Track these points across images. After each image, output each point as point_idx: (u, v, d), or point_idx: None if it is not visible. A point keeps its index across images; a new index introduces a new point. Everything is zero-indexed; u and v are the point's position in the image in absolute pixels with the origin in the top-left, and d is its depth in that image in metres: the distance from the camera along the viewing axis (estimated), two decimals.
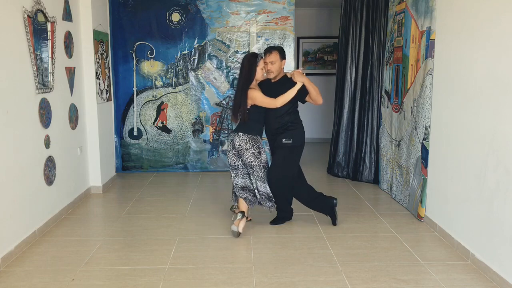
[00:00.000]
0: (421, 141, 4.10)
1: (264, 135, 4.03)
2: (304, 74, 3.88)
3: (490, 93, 3.04)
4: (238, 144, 3.84)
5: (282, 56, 3.89)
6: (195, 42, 5.90)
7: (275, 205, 3.99)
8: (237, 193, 3.94)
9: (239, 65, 5.94)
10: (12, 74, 3.40)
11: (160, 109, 6.02)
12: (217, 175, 5.95)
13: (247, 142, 3.81)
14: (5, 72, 3.29)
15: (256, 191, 3.92)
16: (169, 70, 5.95)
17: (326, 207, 4.05)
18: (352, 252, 3.45)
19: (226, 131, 6.09)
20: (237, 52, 5.96)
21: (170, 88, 5.99)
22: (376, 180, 5.43)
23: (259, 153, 3.86)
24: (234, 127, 4.09)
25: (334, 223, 4.03)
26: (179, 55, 5.92)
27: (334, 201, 4.03)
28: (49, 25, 3.97)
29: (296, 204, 4.69)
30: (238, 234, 3.73)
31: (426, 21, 3.98)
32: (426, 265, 3.22)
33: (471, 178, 3.28)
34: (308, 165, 6.51)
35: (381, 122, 5.20)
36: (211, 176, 5.89)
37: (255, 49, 5.95)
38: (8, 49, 3.33)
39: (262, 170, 3.87)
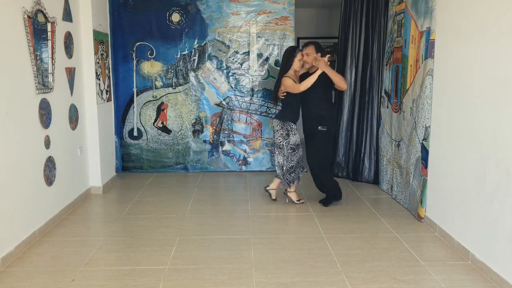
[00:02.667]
0: (421, 142, 4.10)
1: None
2: (328, 63, 4.37)
3: (490, 93, 3.04)
4: (272, 126, 4.63)
5: (318, 49, 4.49)
6: (195, 43, 5.90)
7: (293, 180, 4.62)
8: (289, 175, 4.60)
9: (239, 65, 5.96)
10: (12, 75, 3.40)
11: (160, 110, 6.02)
12: (217, 176, 5.95)
13: (277, 125, 4.53)
14: (5, 73, 3.29)
15: (282, 167, 4.59)
16: (169, 70, 5.95)
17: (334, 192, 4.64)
18: (352, 252, 3.45)
19: (226, 132, 6.09)
20: (237, 52, 5.96)
21: (170, 88, 5.99)
22: (376, 180, 5.43)
23: (287, 135, 4.50)
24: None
25: (325, 203, 4.61)
26: (179, 56, 5.92)
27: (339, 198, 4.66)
28: (49, 26, 3.97)
29: (295, 204, 4.69)
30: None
31: (426, 21, 3.98)
32: (426, 266, 3.22)
33: (471, 178, 3.28)
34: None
35: (381, 122, 5.20)
36: (211, 177, 5.89)
37: (255, 49, 5.95)
38: (8, 50, 3.33)
39: (289, 151, 4.52)
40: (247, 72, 5.99)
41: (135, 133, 6.05)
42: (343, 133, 5.72)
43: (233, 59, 5.97)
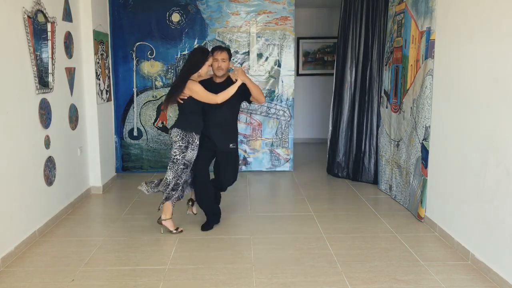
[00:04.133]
0: (421, 142, 4.10)
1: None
2: (245, 73, 3.90)
3: (490, 93, 3.04)
4: (170, 137, 3.84)
5: (230, 56, 3.93)
6: (195, 43, 5.90)
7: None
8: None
9: (238, 65, 5.95)
10: (12, 75, 3.40)
11: (160, 110, 6.02)
12: None
13: (177, 135, 3.73)
14: (5, 72, 3.29)
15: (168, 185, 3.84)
16: (169, 70, 5.95)
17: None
18: (352, 252, 3.45)
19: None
20: (237, 52, 5.96)
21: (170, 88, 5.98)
22: (376, 181, 5.42)
23: (186, 147, 3.75)
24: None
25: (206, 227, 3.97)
26: (179, 56, 5.92)
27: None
28: (49, 26, 3.97)
29: (296, 204, 4.69)
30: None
31: (426, 21, 3.98)
32: (426, 265, 3.22)
33: (471, 178, 3.28)
34: (308, 165, 6.52)
35: (380, 122, 5.20)
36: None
37: (255, 49, 5.95)
38: (8, 50, 3.33)
39: (182, 166, 3.79)
40: (247, 72, 5.98)
41: (135, 133, 6.05)
42: (343, 133, 5.72)
43: (233, 59, 5.96)
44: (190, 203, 4.12)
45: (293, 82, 6.06)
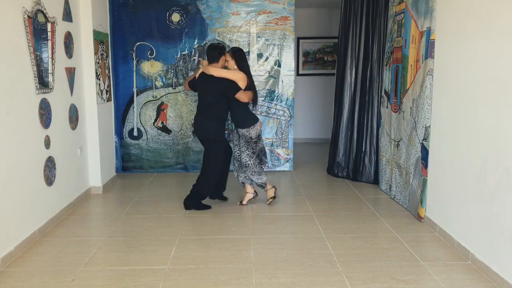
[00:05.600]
0: (421, 142, 4.10)
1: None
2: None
3: (490, 93, 3.04)
4: (250, 136, 4.50)
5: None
6: (195, 43, 5.90)
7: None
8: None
9: None
10: (12, 75, 3.40)
11: (160, 110, 6.02)
12: None
13: (257, 130, 4.54)
14: (5, 72, 3.29)
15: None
16: (169, 70, 5.95)
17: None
18: (352, 252, 3.45)
19: (226, 132, 6.08)
20: None
21: (170, 88, 5.99)
22: (376, 181, 5.43)
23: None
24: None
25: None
26: (179, 56, 5.92)
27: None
28: (49, 26, 3.97)
29: (296, 204, 4.69)
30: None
31: (426, 21, 3.98)
32: (426, 266, 3.22)
33: (471, 178, 3.28)
34: (308, 165, 6.52)
35: (381, 122, 5.20)
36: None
37: (255, 49, 5.95)
38: (8, 50, 3.33)
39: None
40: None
41: (135, 133, 6.05)
42: (343, 133, 5.72)
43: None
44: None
45: (293, 82, 6.06)
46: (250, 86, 4.35)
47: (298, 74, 8.19)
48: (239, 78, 4.25)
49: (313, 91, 8.37)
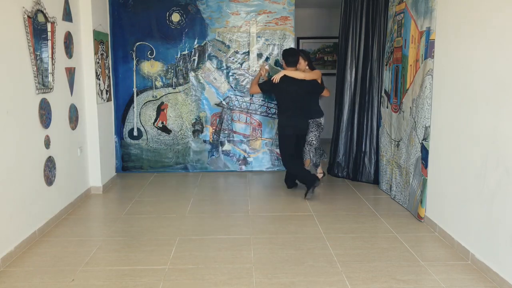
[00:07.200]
0: (421, 142, 4.10)
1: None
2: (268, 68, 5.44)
3: (490, 93, 3.04)
4: (321, 125, 5.41)
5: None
6: (195, 43, 5.90)
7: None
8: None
9: (238, 65, 5.96)
10: (12, 75, 3.40)
11: (160, 110, 6.02)
12: (217, 176, 5.95)
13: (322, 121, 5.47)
14: (5, 73, 3.29)
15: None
16: (169, 70, 5.95)
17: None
18: (352, 252, 3.45)
19: (226, 132, 6.09)
20: (237, 52, 5.96)
21: (170, 88, 5.99)
22: (376, 181, 5.43)
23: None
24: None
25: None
26: (179, 56, 5.92)
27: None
28: (49, 26, 3.97)
29: (296, 204, 4.69)
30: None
31: (426, 21, 3.98)
32: (426, 266, 3.22)
33: (471, 178, 3.28)
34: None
35: (381, 122, 5.20)
36: (211, 177, 5.89)
37: (255, 49, 5.95)
38: (8, 50, 3.33)
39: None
40: (247, 72, 5.99)
41: (135, 133, 6.05)
42: (343, 133, 5.72)
43: (233, 59, 5.97)
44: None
45: None
46: (322, 81, 5.21)
47: None
48: (319, 77, 5.08)
49: None
